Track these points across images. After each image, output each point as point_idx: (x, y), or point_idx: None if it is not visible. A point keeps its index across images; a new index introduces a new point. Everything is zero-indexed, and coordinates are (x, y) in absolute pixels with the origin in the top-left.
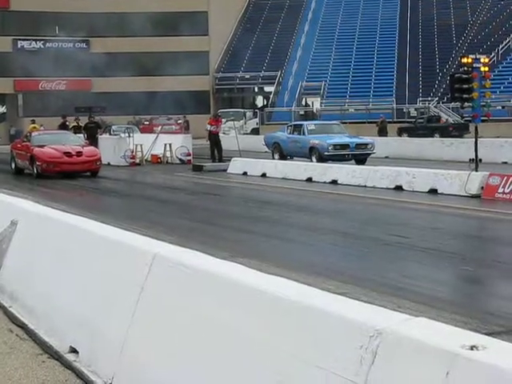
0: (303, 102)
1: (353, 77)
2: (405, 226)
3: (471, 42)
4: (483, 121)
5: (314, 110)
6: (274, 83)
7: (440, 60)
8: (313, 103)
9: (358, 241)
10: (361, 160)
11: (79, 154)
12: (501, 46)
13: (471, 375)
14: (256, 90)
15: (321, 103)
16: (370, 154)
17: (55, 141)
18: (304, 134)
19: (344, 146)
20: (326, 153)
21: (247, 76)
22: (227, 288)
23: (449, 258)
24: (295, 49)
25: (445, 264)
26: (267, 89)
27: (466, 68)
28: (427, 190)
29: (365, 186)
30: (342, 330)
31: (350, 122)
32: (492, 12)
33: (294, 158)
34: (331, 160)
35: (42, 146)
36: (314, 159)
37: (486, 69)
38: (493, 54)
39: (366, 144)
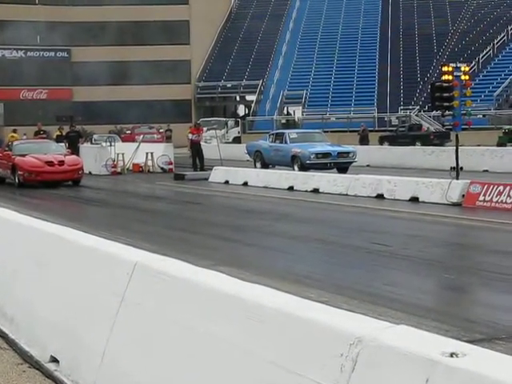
0: (285, 111)
1: (334, 85)
2: (386, 234)
3: (452, 51)
4: (464, 129)
5: (296, 119)
6: (255, 92)
7: (421, 69)
8: (294, 112)
9: (339, 249)
10: (343, 168)
11: (61, 163)
12: (481, 55)
13: (451, 382)
14: (238, 98)
15: (302, 112)
16: (351, 162)
17: (37, 150)
18: (286, 142)
19: (326, 155)
20: (308, 161)
21: (229, 85)
22: (208, 296)
23: (430, 266)
24: (277, 58)
25: (426, 272)
26: (249, 98)
27: (446, 77)
28: (408, 199)
29: (346, 195)
30: (322, 337)
31: (331, 131)
32: (472, 21)
33: (276, 167)
34: (313, 168)
35: (23, 155)
36: (295, 168)
37: (467, 77)
38: (473, 63)
39: (348, 152)
